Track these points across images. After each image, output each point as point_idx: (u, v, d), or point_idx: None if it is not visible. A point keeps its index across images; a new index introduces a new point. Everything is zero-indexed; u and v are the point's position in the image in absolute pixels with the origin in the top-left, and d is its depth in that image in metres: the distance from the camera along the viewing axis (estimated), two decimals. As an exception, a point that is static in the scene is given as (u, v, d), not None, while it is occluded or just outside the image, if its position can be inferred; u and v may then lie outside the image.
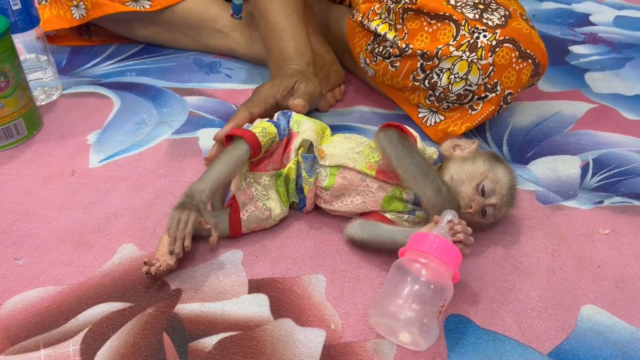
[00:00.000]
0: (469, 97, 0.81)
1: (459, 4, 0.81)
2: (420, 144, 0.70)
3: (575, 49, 1.15)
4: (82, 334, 0.59)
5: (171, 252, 0.63)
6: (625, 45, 1.16)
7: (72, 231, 0.72)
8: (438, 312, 0.56)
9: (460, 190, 0.66)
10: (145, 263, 0.64)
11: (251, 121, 0.76)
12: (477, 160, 0.68)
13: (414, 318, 0.55)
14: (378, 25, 0.85)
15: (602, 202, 0.76)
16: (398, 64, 0.84)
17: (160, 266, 0.63)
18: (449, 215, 0.62)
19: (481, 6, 0.81)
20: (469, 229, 0.61)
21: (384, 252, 0.67)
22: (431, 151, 0.71)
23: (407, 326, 0.55)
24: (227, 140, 0.70)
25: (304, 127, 0.73)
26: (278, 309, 0.62)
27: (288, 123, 0.73)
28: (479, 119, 0.83)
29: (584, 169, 0.82)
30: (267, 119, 0.75)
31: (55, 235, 0.71)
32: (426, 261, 0.57)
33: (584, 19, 1.28)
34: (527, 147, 0.87)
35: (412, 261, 0.58)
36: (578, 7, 1.33)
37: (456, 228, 0.61)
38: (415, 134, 0.70)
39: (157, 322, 0.60)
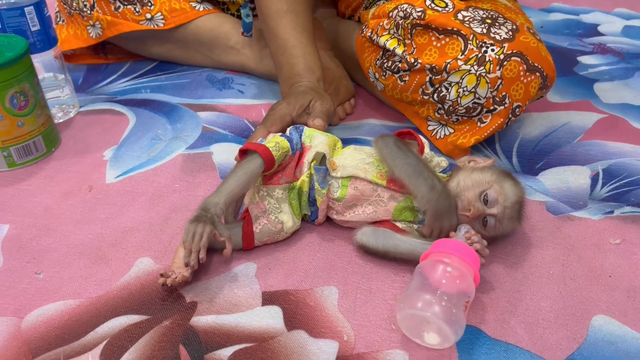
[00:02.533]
0: (478, 110, 0.82)
1: (466, 18, 0.82)
2: (428, 151, 0.72)
3: (584, 59, 1.16)
4: (101, 346, 0.60)
5: (187, 264, 0.65)
6: (634, 55, 1.17)
7: (90, 245, 0.74)
8: (464, 307, 0.58)
9: (463, 194, 0.67)
10: (161, 275, 0.65)
11: None
12: (486, 170, 0.69)
13: (443, 308, 0.57)
14: (387, 40, 0.87)
15: (612, 212, 0.77)
16: (407, 78, 0.85)
17: (175, 278, 0.65)
18: (465, 228, 0.66)
19: (489, 21, 0.82)
20: (485, 241, 0.65)
21: (397, 262, 0.68)
22: (440, 160, 0.73)
23: (437, 317, 0.57)
24: (241, 154, 0.72)
25: (317, 141, 0.74)
26: (291, 321, 0.63)
27: (300, 137, 0.75)
28: (488, 132, 0.84)
29: (594, 179, 0.83)
30: (280, 133, 0.76)
31: (74, 250, 0.73)
32: (450, 260, 0.61)
33: (592, 30, 1.28)
34: (537, 158, 0.88)
35: (437, 262, 0.61)
36: (586, 18, 1.34)
37: (473, 238, 0.64)
38: (424, 141, 0.72)
39: (174, 334, 0.62)
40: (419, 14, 0.83)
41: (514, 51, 0.79)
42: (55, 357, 0.60)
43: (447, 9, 0.83)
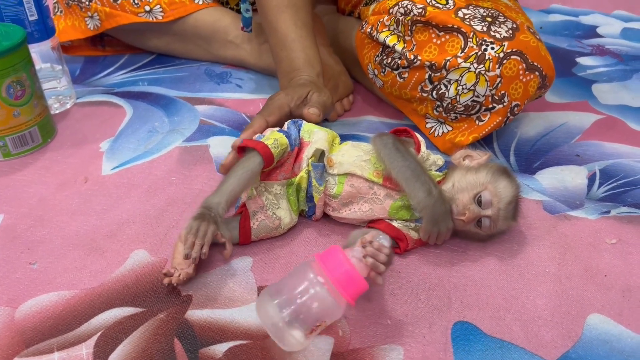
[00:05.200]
0: (477, 108, 0.82)
1: (467, 16, 0.82)
2: (424, 149, 0.71)
3: (583, 60, 1.16)
4: (95, 338, 0.60)
5: (187, 256, 0.64)
6: (633, 57, 1.17)
7: (85, 237, 0.73)
8: (311, 329, 0.56)
9: (457, 197, 0.67)
10: (165, 274, 0.65)
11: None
12: (480, 171, 0.69)
13: (284, 323, 0.54)
14: (387, 36, 0.86)
15: (608, 212, 0.77)
16: (406, 75, 0.85)
17: (179, 275, 0.64)
18: (379, 239, 0.58)
19: (489, 19, 0.82)
20: (382, 256, 0.57)
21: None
22: (436, 158, 0.73)
23: (276, 328, 0.55)
24: (239, 151, 0.71)
25: (316, 137, 0.74)
26: (287, 315, 0.63)
27: (299, 132, 0.75)
28: (486, 130, 0.84)
29: (591, 179, 0.83)
30: (278, 128, 0.76)
31: (69, 241, 0.72)
32: (323, 281, 0.55)
33: (591, 31, 1.29)
34: (534, 158, 0.88)
35: (314, 273, 0.56)
36: (585, 19, 1.34)
37: (367, 250, 0.57)
38: (421, 139, 0.72)
39: (169, 328, 0.61)
40: (420, 10, 0.82)
41: (514, 50, 0.79)
42: (48, 348, 0.59)
43: (447, 6, 0.83)
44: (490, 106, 0.82)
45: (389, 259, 0.58)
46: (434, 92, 0.83)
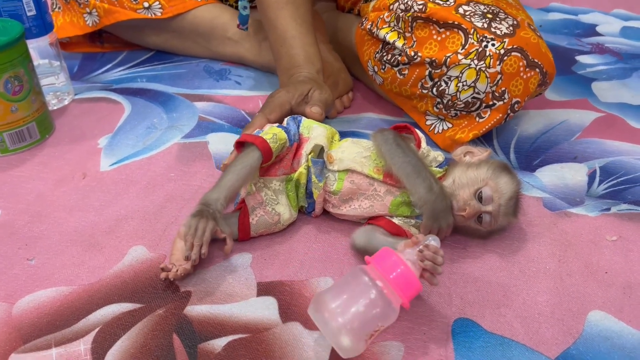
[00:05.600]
0: (477, 105, 0.82)
1: (467, 12, 0.82)
2: (425, 146, 0.71)
3: (582, 58, 1.16)
4: (93, 334, 0.60)
5: (187, 258, 0.64)
6: (632, 56, 1.17)
7: (83, 233, 0.73)
8: (370, 335, 0.56)
9: (458, 193, 0.67)
10: (162, 269, 0.64)
11: None
12: (481, 167, 0.69)
13: (342, 330, 0.54)
14: (387, 33, 0.86)
15: (609, 209, 0.77)
16: (406, 71, 0.85)
17: (177, 271, 0.64)
18: (430, 240, 0.59)
19: (490, 15, 0.82)
20: (439, 259, 0.58)
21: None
22: (437, 154, 0.72)
23: (333, 334, 0.55)
24: (238, 146, 0.71)
25: (315, 133, 0.73)
26: (287, 312, 0.62)
27: (298, 128, 0.74)
28: (487, 127, 0.83)
29: (591, 176, 0.83)
30: (277, 124, 0.76)
31: (67, 237, 0.72)
32: (381, 285, 0.56)
33: (590, 30, 1.28)
34: (534, 155, 0.87)
35: (370, 277, 0.56)
36: (585, 18, 1.34)
37: (425, 254, 0.58)
38: (421, 135, 0.71)
39: (167, 323, 0.61)
40: (420, 6, 0.82)
41: (515, 46, 0.79)
42: (46, 344, 0.59)
43: (448, 2, 0.83)
44: (491, 103, 0.81)
45: (443, 260, 0.59)
46: (434, 89, 0.83)
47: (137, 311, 0.62)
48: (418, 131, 0.72)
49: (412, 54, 0.83)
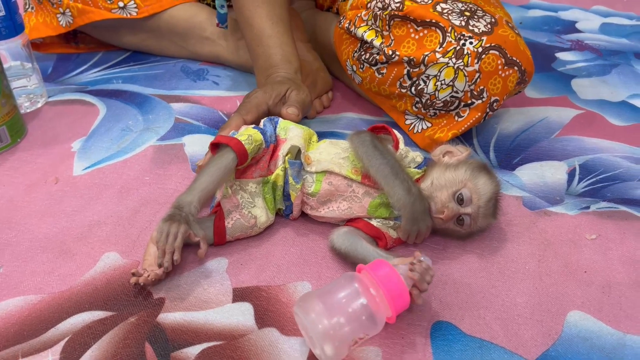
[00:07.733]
0: (456, 103, 0.81)
1: (445, 10, 0.81)
2: (403, 146, 0.70)
3: (562, 55, 1.16)
4: (62, 344, 0.58)
5: (160, 265, 0.62)
6: (611, 52, 1.17)
7: (54, 239, 0.71)
8: (354, 341, 0.55)
9: (436, 195, 0.66)
10: (133, 274, 0.63)
11: None
12: (460, 168, 0.68)
13: (328, 333, 0.53)
14: (365, 32, 0.85)
15: (588, 207, 0.76)
16: (385, 70, 0.84)
17: (148, 276, 0.62)
18: (423, 258, 0.59)
19: (467, 13, 0.81)
20: (428, 277, 0.59)
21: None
22: (415, 155, 0.71)
23: (317, 337, 0.54)
24: (213, 148, 0.69)
25: (292, 134, 0.72)
26: (262, 318, 0.61)
27: (275, 129, 0.73)
28: (466, 126, 0.83)
29: (571, 174, 0.82)
30: (253, 125, 0.74)
31: (37, 244, 0.70)
32: (375, 293, 0.56)
33: (570, 26, 1.28)
34: (514, 153, 0.87)
35: (364, 284, 0.56)
36: (564, 15, 1.34)
37: (416, 267, 0.58)
38: (399, 136, 0.70)
39: (139, 332, 0.59)
40: (398, 4, 0.81)
41: (493, 44, 0.78)
42: (12, 355, 0.57)
43: (425, 0, 0.82)
44: (469, 102, 0.81)
45: (431, 279, 0.59)
46: (413, 88, 0.82)
47: (109, 319, 0.61)
48: (396, 132, 0.71)
49: (390, 52, 0.82)
